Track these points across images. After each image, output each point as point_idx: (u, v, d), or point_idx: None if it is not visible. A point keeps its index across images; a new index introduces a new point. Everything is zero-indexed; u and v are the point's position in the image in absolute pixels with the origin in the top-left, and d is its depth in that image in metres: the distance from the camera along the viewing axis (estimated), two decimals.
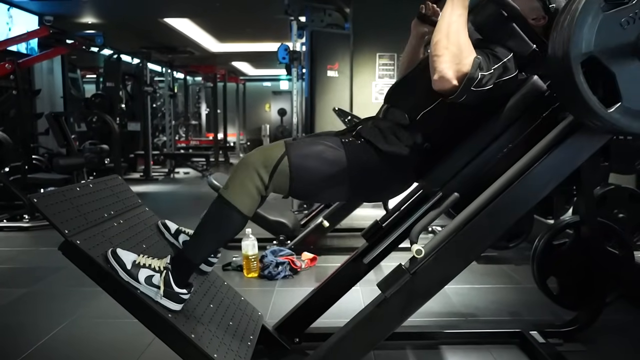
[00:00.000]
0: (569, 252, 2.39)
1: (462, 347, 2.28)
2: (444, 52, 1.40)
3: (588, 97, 1.22)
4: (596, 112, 1.24)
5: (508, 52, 1.53)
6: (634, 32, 1.22)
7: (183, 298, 1.58)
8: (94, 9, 7.69)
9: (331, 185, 1.59)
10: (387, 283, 1.45)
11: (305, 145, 1.60)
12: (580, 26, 1.20)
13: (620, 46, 1.22)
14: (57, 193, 1.62)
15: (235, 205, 1.54)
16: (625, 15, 1.22)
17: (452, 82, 1.39)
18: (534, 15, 1.65)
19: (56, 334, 2.44)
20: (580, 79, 1.21)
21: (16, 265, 3.74)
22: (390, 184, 1.67)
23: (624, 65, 1.23)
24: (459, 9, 1.48)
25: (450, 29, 1.43)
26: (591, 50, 1.21)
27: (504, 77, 1.49)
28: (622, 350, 2.28)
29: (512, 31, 1.56)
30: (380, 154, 1.58)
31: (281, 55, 5.86)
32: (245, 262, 3.36)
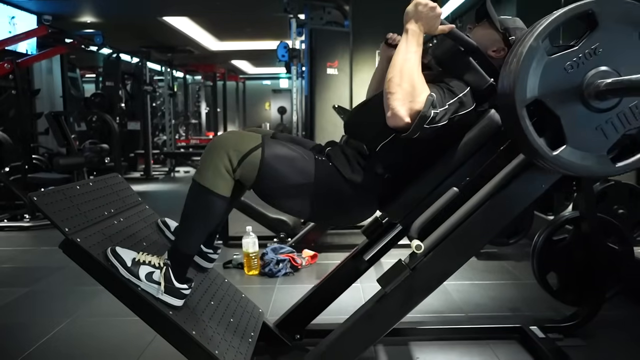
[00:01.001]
0: (568, 248, 2.39)
1: (463, 342, 2.29)
2: (397, 89, 1.40)
3: (533, 140, 1.23)
4: (542, 155, 1.25)
5: (465, 86, 1.53)
6: (578, 76, 1.23)
7: (184, 293, 1.59)
8: (93, 8, 7.69)
9: (294, 195, 1.58)
10: (387, 279, 1.45)
11: (281, 147, 1.59)
12: (526, 70, 1.21)
13: (564, 90, 1.23)
14: (57, 192, 1.62)
15: (210, 189, 1.53)
16: (569, 59, 1.23)
17: (405, 120, 1.39)
18: (495, 47, 1.65)
19: (57, 333, 2.45)
20: (526, 123, 1.23)
21: (17, 264, 3.74)
22: (352, 210, 1.67)
23: (568, 109, 1.24)
24: (413, 45, 1.48)
25: (404, 66, 1.43)
26: (536, 94, 1.22)
27: (460, 113, 1.49)
28: (622, 345, 2.29)
29: (469, 65, 1.57)
30: (345, 181, 1.58)
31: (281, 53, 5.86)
32: (246, 259, 3.37)
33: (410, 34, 1.49)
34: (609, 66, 1.23)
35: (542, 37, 1.22)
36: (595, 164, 1.27)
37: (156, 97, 11.29)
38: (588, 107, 1.24)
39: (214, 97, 13.86)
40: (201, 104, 15.65)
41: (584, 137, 1.25)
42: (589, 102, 1.23)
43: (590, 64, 1.23)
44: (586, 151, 1.26)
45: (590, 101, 1.23)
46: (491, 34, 1.67)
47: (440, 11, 1.51)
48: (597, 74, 1.22)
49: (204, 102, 15.73)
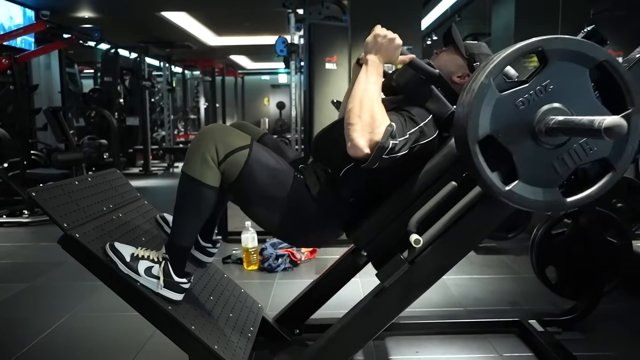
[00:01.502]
0: (567, 242, 2.40)
1: (462, 336, 2.29)
2: (357, 120, 1.40)
3: (486, 176, 1.24)
4: (495, 190, 1.25)
5: (428, 114, 1.53)
6: (529, 113, 1.23)
7: (183, 287, 1.59)
8: (91, 3, 7.66)
9: (266, 206, 1.58)
10: (386, 273, 1.45)
11: (267, 155, 1.59)
12: (478, 107, 1.21)
13: (516, 126, 1.23)
14: (56, 187, 1.62)
15: (198, 179, 1.52)
16: (520, 96, 1.23)
17: (364, 151, 1.39)
18: (460, 72, 1.66)
19: (57, 328, 2.45)
20: (479, 159, 1.23)
21: (16, 260, 3.75)
22: (318, 231, 1.67)
23: (520, 145, 1.24)
24: (374, 76, 1.48)
25: (363, 97, 1.43)
26: (488, 131, 1.22)
27: (421, 142, 1.49)
28: (621, 339, 2.30)
29: (431, 93, 1.57)
30: (314, 200, 1.58)
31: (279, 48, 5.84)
32: (245, 254, 3.37)
33: (370, 64, 1.50)
34: (560, 103, 1.23)
35: (493, 75, 1.22)
36: (547, 199, 1.28)
37: (155, 92, 11.26)
38: (539, 144, 1.24)
39: (212, 93, 13.83)
40: (200, 99, 15.61)
41: (536, 173, 1.26)
42: (539, 139, 1.24)
43: (541, 100, 1.23)
44: (538, 186, 1.27)
45: (541, 138, 1.23)
46: (456, 59, 1.68)
47: (399, 42, 1.51)
48: (548, 111, 1.23)
49: (203, 98, 15.70)
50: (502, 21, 5.77)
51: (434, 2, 7.46)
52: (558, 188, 1.28)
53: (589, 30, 1.57)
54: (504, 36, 5.69)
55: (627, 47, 5.28)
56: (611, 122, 1.03)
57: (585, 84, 1.25)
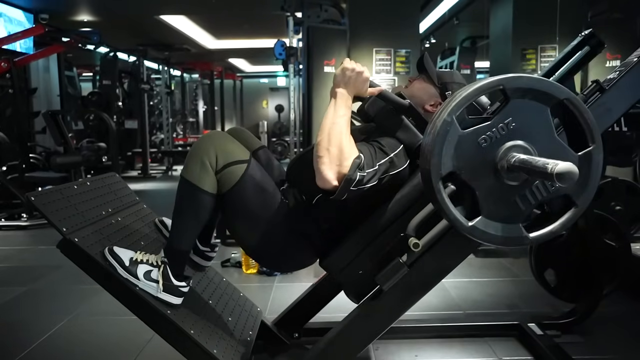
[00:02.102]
0: (566, 245, 2.40)
1: (461, 340, 2.29)
2: (325, 153, 1.41)
3: (450, 212, 1.24)
4: (458, 226, 1.26)
5: (398, 144, 1.54)
6: (491, 150, 1.24)
7: (182, 291, 1.59)
8: (90, 6, 7.67)
9: (248, 224, 1.59)
10: (385, 276, 1.45)
11: (261, 174, 1.59)
12: (440, 145, 1.22)
13: (478, 164, 1.24)
14: (55, 191, 1.62)
15: (196, 185, 1.53)
16: (482, 133, 1.24)
17: (333, 183, 1.40)
18: (432, 101, 1.67)
19: (56, 332, 2.45)
20: (442, 196, 1.23)
21: (15, 263, 3.74)
22: (291, 256, 1.67)
23: (482, 182, 1.25)
24: (342, 109, 1.48)
25: (332, 130, 1.43)
26: (450, 168, 1.23)
27: (390, 172, 1.50)
28: (620, 342, 2.30)
29: (401, 123, 1.58)
30: (291, 227, 1.59)
31: (278, 52, 5.84)
32: (244, 258, 3.37)
33: (338, 97, 1.50)
34: (522, 140, 1.24)
35: (455, 112, 1.22)
36: (510, 234, 1.28)
37: (153, 95, 11.27)
38: (501, 181, 1.25)
39: (211, 96, 13.83)
40: (198, 102, 15.62)
41: (499, 209, 1.27)
42: (502, 176, 1.24)
43: (503, 138, 1.24)
44: (501, 222, 1.27)
45: (503, 175, 1.24)
46: (428, 88, 1.68)
47: (368, 75, 1.52)
48: (510, 149, 1.23)
49: (202, 101, 15.70)
50: (500, 24, 5.78)
51: (432, 5, 7.47)
52: (521, 223, 1.29)
53: (586, 34, 1.58)
54: (502, 39, 5.69)
55: (625, 49, 5.30)
56: (562, 169, 1.04)
57: (546, 122, 1.26)
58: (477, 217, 1.26)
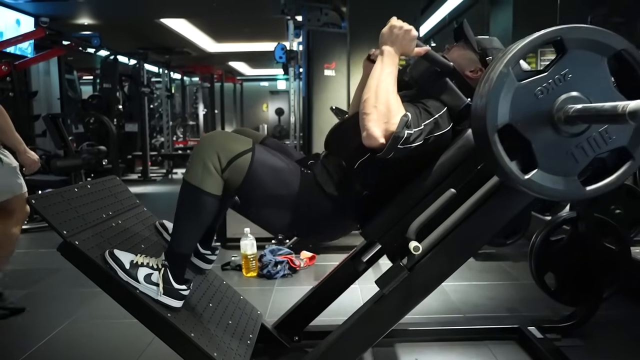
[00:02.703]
0: (566, 248, 2.40)
1: (461, 343, 2.29)
2: (372, 110, 1.41)
3: (505, 165, 1.24)
4: (514, 179, 1.26)
5: (442, 106, 1.54)
6: (548, 102, 1.24)
7: (183, 294, 1.59)
8: (91, 10, 7.68)
9: (275, 206, 1.58)
10: (385, 280, 1.46)
11: (270, 156, 1.59)
12: (496, 96, 1.22)
13: (535, 115, 1.24)
14: (55, 194, 1.63)
15: (200, 187, 1.53)
16: (539, 85, 1.24)
17: (380, 140, 1.40)
18: (472, 67, 1.67)
19: (56, 335, 2.45)
20: (498, 148, 1.23)
21: (15, 267, 3.73)
22: (330, 227, 1.68)
23: (539, 133, 1.25)
24: (389, 67, 1.49)
25: (379, 87, 1.44)
26: (507, 120, 1.23)
27: (435, 133, 1.50)
28: (620, 345, 2.30)
29: (445, 86, 1.58)
30: (326, 196, 1.58)
31: (278, 55, 5.86)
32: (244, 261, 3.37)
33: (385, 55, 1.51)
34: (578, 91, 1.24)
35: (512, 64, 1.23)
36: (566, 187, 1.28)
37: (154, 98, 11.27)
38: (558, 132, 1.25)
39: (211, 99, 13.84)
40: (199, 105, 15.62)
41: (555, 162, 1.27)
42: (559, 127, 1.24)
43: (560, 89, 1.24)
44: (557, 175, 1.27)
45: (560, 126, 1.24)
46: (468, 54, 1.68)
47: (415, 34, 1.52)
48: (567, 100, 1.23)
49: (202, 104, 15.70)
50: (500, 27, 5.79)
51: (432, 9, 7.48)
52: (578, 177, 1.28)
53: None
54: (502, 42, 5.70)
55: None
56: (636, 106, 1.02)
57: (603, 73, 1.25)
58: (532, 171, 1.25)
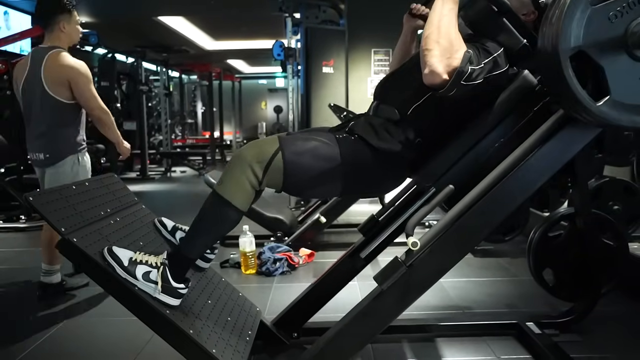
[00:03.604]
0: (564, 244, 2.40)
1: (459, 339, 2.29)
2: (435, 45, 1.41)
3: (577, 91, 1.22)
4: (585, 107, 1.24)
5: (499, 46, 1.54)
6: (622, 25, 1.21)
7: (181, 293, 1.59)
8: (88, 7, 7.65)
9: (324, 182, 1.59)
10: (384, 276, 1.46)
11: (299, 142, 1.59)
12: (569, 20, 1.20)
13: (608, 40, 1.22)
14: (54, 192, 1.63)
15: (230, 201, 1.54)
16: (612, 9, 1.21)
17: (443, 76, 1.39)
18: (525, 10, 1.66)
19: (55, 333, 2.45)
20: (570, 73, 1.21)
21: (13, 265, 3.73)
22: (384, 179, 1.68)
23: (612, 59, 1.23)
24: (450, 3, 1.49)
25: (441, 23, 1.44)
26: (580, 44, 1.21)
27: (495, 72, 1.50)
28: (618, 341, 2.30)
29: (502, 26, 1.56)
30: (373, 150, 1.58)
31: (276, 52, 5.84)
32: (243, 258, 3.37)
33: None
34: None
35: None
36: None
37: (152, 97, 11.25)
38: (632, 57, 1.22)
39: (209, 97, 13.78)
40: (197, 103, 15.61)
41: (629, 88, 1.23)
42: (633, 52, 1.21)
43: (634, 13, 1.21)
44: (631, 102, 1.24)
45: (634, 51, 1.21)
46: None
47: None
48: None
49: (200, 102, 15.69)
50: None
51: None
52: None
53: None
54: None
55: None
56: None
57: None
58: (604, 98, 1.23)
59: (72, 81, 2.70)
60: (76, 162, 2.76)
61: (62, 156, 2.72)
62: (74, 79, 2.70)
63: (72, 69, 2.70)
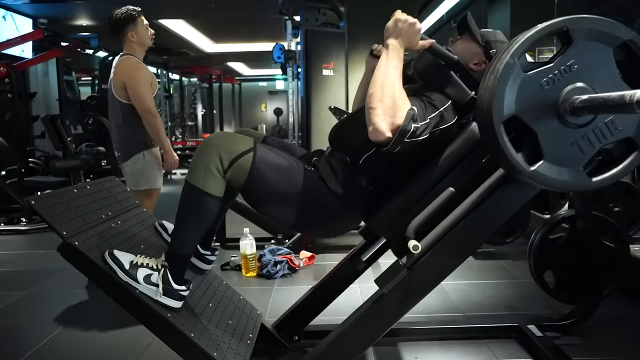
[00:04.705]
0: (565, 247, 2.40)
1: (461, 342, 2.29)
2: (378, 104, 1.40)
3: (511, 156, 1.24)
4: (520, 171, 1.26)
5: (447, 99, 1.54)
6: (554, 92, 1.24)
7: (182, 295, 1.59)
8: (89, 11, 7.67)
9: (280, 203, 1.59)
10: (385, 279, 1.46)
11: (272, 154, 1.60)
12: (502, 86, 1.22)
13: (541, 106, 1.24)
14: (55, 195, 1.63)
15: (202, 189, 1.54)
16: (545, 76, 1.24)
17: (386, 135, 1.39)
18: (476, 60, 1.67)
19: (55, 336, 2.45)
20: (504, 139, 1.23)
21: (14, 268, 3.74)
22: (335, 222, 1.68)
23: (545, 125, 1.25)
24: (394, 60, 1.48)
25: (385, 81, 1.44)
26: (513, 111, 1.23)
27: (441, 126, 1.50)
28: (619, 343, 2.30)
29: (450, 78, 1.58)
30: (330, 192, 1.59)
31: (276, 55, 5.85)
32: (243, 261, 3.37)
33: (390, 49, 1.50)
34: (584, 82, 1.24)
35: (518, 54, 1.23)
36: (572, 178, 1.28)
37: None
38: (564, 123, 1.25)
39: (210, 99, 13.84)
40: (197, 106, 15.60)
41: (561, 153, 1.26)
42: (565, 118, 1.24)
43: (565, 80, 1.24)
44: (563, 166, 1.27)
45: (566, 117, 1.24)
46: (472, 47, 1.68)
47: (419, 27, 1.52)
48: (573, 91, 1.23)
49: (200, 104, 15.68)
50: (497, 26, 5.78)
51: (430, 8, 7.49)
52: (584, 168, 1.28)
53: None
54: None
55: None
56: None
57: (609, 63, 1.25)
58: (538, 162, 1.25)
59: (126, 82, 2.87)
60: (141, 159, 2.92)
61: (129, 154, 2.90)
62: (127, 79, 2.87)
63: (126, 71, 2.89)
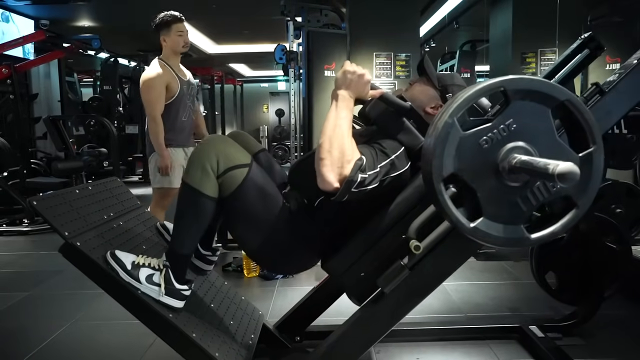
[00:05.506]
0: (567, 248, 2.40)
1: (462, 342, 2.29)
2: (327, 155, 1.41)
3: (452, 214, 1.25)
4: (460, 227, 1.26)
5: (399, 146, 1.55)
6: (493, 151, 1.24)
7: (184, 294, 1.59)
8: (90, 12, 7.69)
9: (251, 226, 1.59)
10: (386, 279, 1.46)
11: (262, 177, 1.60)
12: (442, 145, 1.22)
13: (479, 165, 1.25)
14: (57, 196, 1.63)
15: (200, 190, 1.54)
16: (483, 135, 1.24)
17: (334, 185, 1.40)
18: (432, 103, 1.67)
19: (57, 337, 2.45)
20: (444, 197, 1.24)
21: (16, 269, 3.74)
22: (294, 259, 1.68)
23: (484, 183, 1.25)
24: (343, 111, 1.49)
25: (334, 132, 1.44)
26: (451, 170, 1.24)
27: (392, 174, 1.51)
28: (621, 344, 2.30)
29: (402, 125, 1.59)
30: (292, 230, 1.60)
31: (278, 56, 5.85)
32: (245, 262, 3.37)
33: (340, 99, 1.51)
34: (523, 141, 1.25)
35: (456, 114, 1.23)
36: (511, 235, 1.29)
37: None
38: (503, 182, 1.26)
39: (211, 100, 13.83)
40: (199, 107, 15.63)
41: (500, 210, 1.27)
42: (503, 177, 1.25)
43: (504, 139, 1.25)
44: (502, 223, 1.28)
45: (504, 176, 1.25)
46: (429, 90, 1.70)
47: (369, 78, 1.53)
48: (511, 150, 1.24)
49: (202, 106, 15.71)
50: (499, 28, 5.79)
51: (432, 9, 7.49)
52: (523, 224, 1.29)
53: (586, 37, 1.59)
54: (502, 42, 5.71)
55: (624, 52, 5.30)
56: (563, 169, 1.04)
57: (547, 124, 1.26)
58: (478, 219, 1.27)
59: (140, 87, 3.15)
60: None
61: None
62: (141, 85, 3.14)
63: (143, 77, 3.14)
